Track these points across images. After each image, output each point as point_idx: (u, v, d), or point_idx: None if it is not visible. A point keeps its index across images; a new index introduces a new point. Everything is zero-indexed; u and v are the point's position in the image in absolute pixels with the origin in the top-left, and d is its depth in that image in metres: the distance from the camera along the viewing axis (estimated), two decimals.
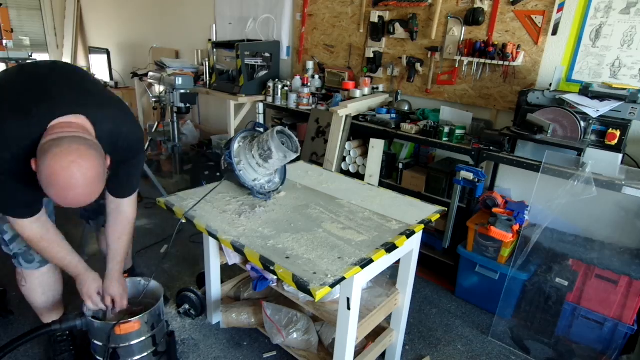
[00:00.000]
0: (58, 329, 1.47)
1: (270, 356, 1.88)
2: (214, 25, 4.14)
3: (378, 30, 2.94)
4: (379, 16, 2.90)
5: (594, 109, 1.97)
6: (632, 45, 2.07)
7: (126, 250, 1.65)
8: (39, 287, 1.67)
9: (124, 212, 1.58)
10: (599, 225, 2.16)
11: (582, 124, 2.00)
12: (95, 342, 1.50)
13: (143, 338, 1.52)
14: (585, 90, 2.04)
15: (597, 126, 2.01)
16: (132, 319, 1.47)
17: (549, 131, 2.04)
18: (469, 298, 2.36)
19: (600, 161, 1.91)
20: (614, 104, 1.96)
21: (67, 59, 6.44)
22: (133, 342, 1.51)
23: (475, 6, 2.47)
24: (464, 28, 2.57)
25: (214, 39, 4.00)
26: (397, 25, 2.84)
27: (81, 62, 6.49)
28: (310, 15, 3.40)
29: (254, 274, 1.74)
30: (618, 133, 1.93)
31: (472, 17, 2.48)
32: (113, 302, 1.58)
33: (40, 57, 6.01)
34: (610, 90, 2.00)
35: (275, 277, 1.65)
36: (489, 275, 2.21)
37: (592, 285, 1.94)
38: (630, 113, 1.95)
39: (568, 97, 2.06)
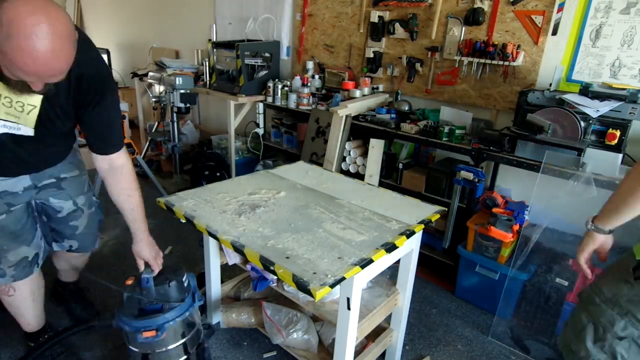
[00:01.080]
0: (96, 326, 1.46)
1: (270, 356, 1.88)
2: (214, 25, 4.14)
3: (378, 30, 2.94)
4: (379, 16, 2.90)
5: (594, 109, 1.97)
6: (632, 45, 2.07)
7: (142, 207, 1.47)
8: (30, 294, 1.62)
9: (119, 166, 1.38)
10: None
11: (582, 124, 2.00)
12: (129, 345, 1.48)
13: (173, 345, 1.49)
14: (585, 90, 2.04)
15: (597, 126, 2.01)
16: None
17: (549, 131, 2.04)
18: (469, 298, 2.36)
19: (600, 161, 1.91)
20: (614, 104, 1.96)
21: None
22: (165, 349, 1.48)
23: (475, 6, 2.47)
24: (464, 28, 2.57)
25: (214, 39, 4.00)
26: (397, 25, 2.84)
27: None
28: (310, 15, 3.40)
29: (254, 274, 1.74)
30: (618, 133, 1.93)
31: (472, 17, 2.48)
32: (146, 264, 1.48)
33: None
34: (610, 90, 2.00)
35: (275, 277, 1.65)
36: (489, 275, 2.22)
37: None
38: (630, 113, 1.95)
39: (568, 97, 2.06)
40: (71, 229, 1.67)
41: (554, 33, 2.27)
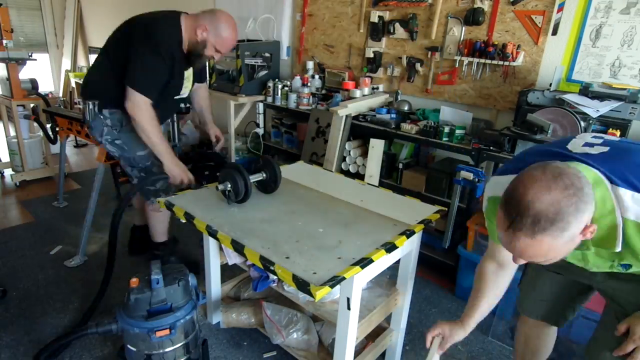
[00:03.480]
0: (95, 332, 1.48)
1: (270, 356, 1.88)
2: None
3: (378, 30, 2.94)
4: (379, 16, 2.90)
5: (594, 109, 1.97)
6: (632, 45, 2.07)
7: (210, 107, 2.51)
8: (168, 213, 2.10)
9: (201, 86, 2.43)
10: None
11: (582, 124, 2.00)
12: (130, 347, 1.49)
13: (177, 345, 1.51)
14: (585, 90, 2.04)
15: (597, 126, 2.01)
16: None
17: (549, 131, 2.04)
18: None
19: None
20: (614, 104, 1.96)
21: (67, 59, 6.43)
22: (167, 349, 1.50)
23: (475, 6, 2.47)
24: (464, 28, 2.57)
25: None
26: (397, 25, 2.84)
27: (81, 62, 6.49)
28: (310, 15, 3.40)
29: (255, 274, 1.75)
30: (618, 133, 1.93)
31: (472, 17, 2.48)
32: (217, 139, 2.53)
33: (40, 57, 6.00)
34: (610, 90, 2.00)
35: (275, 277, 1.65)
36: None
37: None
38: (630, 113, 1.95)
39: (568, 97, 2.06)
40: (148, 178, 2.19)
41: (554, 33, 2.27)
